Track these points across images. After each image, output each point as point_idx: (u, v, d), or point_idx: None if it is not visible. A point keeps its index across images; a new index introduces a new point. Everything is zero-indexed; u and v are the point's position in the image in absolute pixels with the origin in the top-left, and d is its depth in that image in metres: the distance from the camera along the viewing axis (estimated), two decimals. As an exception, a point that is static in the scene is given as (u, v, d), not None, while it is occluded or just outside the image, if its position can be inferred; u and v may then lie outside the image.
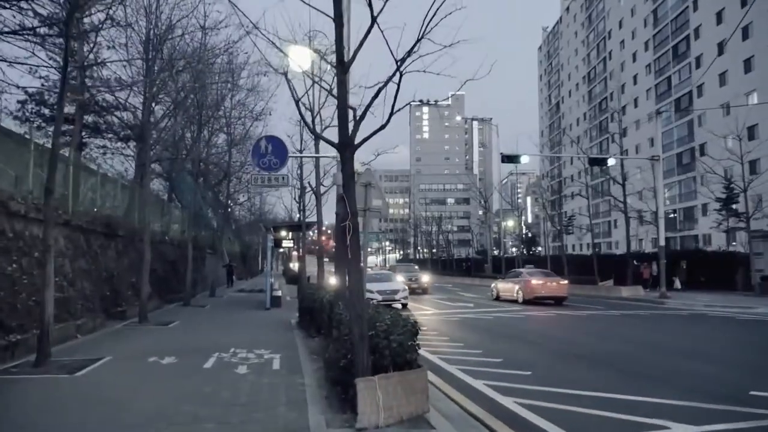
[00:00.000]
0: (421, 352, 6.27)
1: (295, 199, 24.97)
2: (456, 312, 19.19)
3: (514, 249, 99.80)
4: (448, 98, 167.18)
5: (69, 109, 21.99)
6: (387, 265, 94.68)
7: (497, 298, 25.19)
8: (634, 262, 34.58)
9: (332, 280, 12.40)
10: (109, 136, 25.11)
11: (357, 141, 5.65)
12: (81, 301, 12.15)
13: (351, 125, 5.55)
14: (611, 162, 23.78)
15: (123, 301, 15.25)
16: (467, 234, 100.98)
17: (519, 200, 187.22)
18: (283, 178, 9.32)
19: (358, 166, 9.16)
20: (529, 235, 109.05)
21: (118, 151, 26.16)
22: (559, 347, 10.91)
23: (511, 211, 70.73)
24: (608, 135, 71.69)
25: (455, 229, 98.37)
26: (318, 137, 6.18)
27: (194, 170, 31.39)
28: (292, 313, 16.98)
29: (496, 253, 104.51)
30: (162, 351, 9.11)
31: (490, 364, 8.68)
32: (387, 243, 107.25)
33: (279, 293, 20.50)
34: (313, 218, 18.59)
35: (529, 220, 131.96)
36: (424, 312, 18.90)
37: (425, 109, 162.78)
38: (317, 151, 12.13)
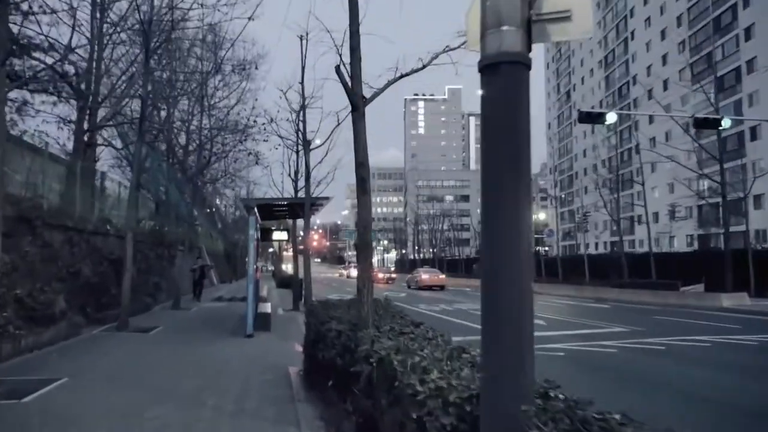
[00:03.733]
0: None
1: (289, 175, 18.25)
2: (541, 334, 12.51)
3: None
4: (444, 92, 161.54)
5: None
6: (385, 266, 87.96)
7: (409, 287, 38.74)
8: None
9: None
10: (33, 87, 18.16)
11: None
12: None
13: None
14: (726, 123, 17.37)
15: (-21, 332, 8.36)
16: (466, 232, 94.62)
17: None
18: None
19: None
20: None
21: (52, 114, 19.02)
22: None
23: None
24: (631, 123, 65.64)
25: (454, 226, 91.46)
26: None
27: (161, 142, 24.58)
28: (288, 345, 10.24)
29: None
30: None
31: None
32: (386, 242, 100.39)
33: (267, 308, 13.71)
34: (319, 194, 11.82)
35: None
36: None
37: (420, 103, 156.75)
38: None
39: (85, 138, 19.51)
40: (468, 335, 11.11)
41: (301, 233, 25.18)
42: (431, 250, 79.25)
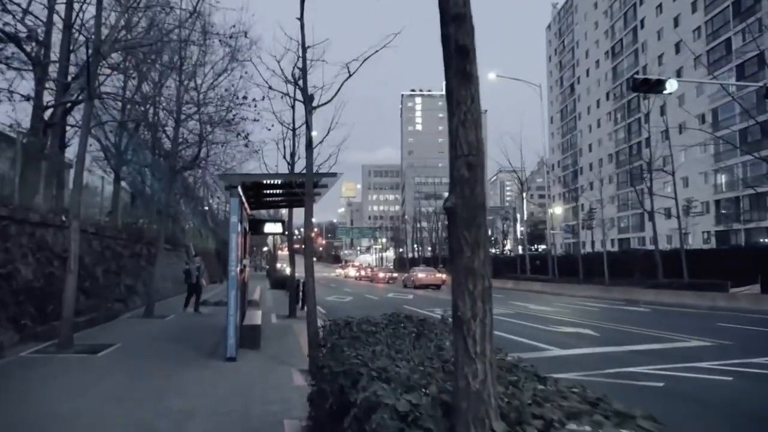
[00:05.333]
0: None
1: (284, 157, 15.36)
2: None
3: (506, 249, 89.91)
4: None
5: None
6: (384, 264, 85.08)
7: (405, 286, 37.96)
8: None
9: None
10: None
11: None
12: None
13: None
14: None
15: None
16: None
17: (508, 198, 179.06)
18: None
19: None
20: (524, 232, 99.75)
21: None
22: None
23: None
24: (640, 114, 62.90)
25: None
26: None
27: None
28: (283, 373, 7.41)
29: (493, 251, 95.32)
30: None
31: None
32: (385, 240, 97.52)
33: (257, 318, 10.85)
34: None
35: (524, 218, 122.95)
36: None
37: (417, 99, 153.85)
38: None
39: (46, 116, 16.65)
40: (514, 350, 7.91)
41: (296, 231, 22.19)
42: (430, 248, 76.41)
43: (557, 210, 60.39)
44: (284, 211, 27.45)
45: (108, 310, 14.98)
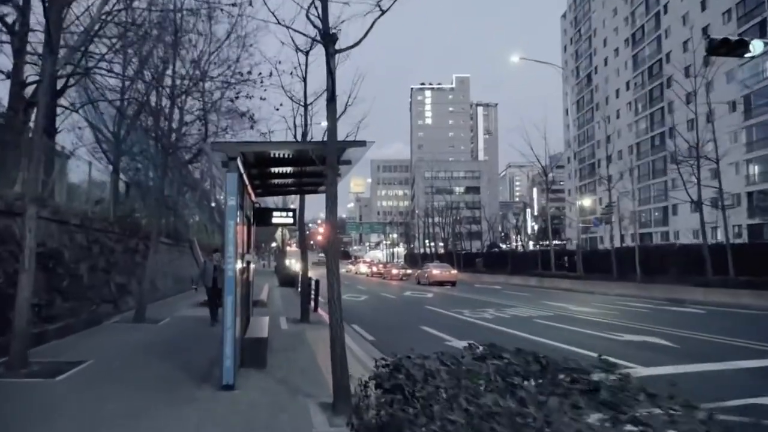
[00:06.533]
0: None
1: (294, 136, 13.24)
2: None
3: (520, 244, 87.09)
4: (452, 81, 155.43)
5: None
6: (396, 260, 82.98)
7: (419, 282, 36.85)
8: None
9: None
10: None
11: None
12: None
13: None
14: None
15: None
16: (476, 225, 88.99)
17: (517, 193, 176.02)
18: None
19: None
20: (535, 227, 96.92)
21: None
22: None
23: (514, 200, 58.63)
24: (662, 105, 60.21)
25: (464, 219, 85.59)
26: None
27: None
28: (299, 409, 5.29)
29: (504, 247, 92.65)
30: None
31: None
32: (395, 236, 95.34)
33: (263, 328, 8.75)
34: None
35: (536, 213, 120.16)
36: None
37: (427, 92, 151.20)
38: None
39: (26, 94, 14.71)
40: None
41: (314, 224, 20.05)
42: (442, 244, 74.06)
43: (586, 202, 57.53)
44: (293, 207, 25.35)
45: (92, 313, 12.97)
